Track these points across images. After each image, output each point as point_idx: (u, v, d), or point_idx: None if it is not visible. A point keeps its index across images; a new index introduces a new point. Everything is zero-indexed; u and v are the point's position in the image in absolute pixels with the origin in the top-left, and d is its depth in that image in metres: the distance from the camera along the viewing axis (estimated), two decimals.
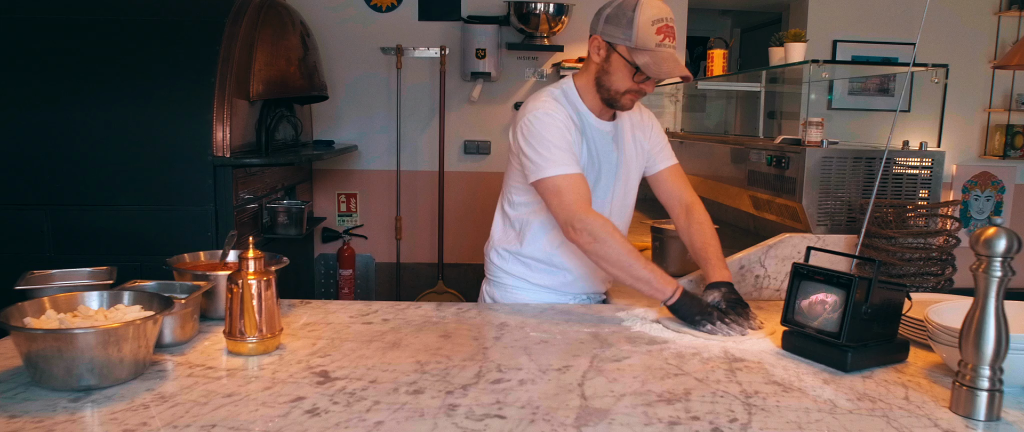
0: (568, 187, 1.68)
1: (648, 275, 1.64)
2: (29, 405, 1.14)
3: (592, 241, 1.65)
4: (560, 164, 1.68)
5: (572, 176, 1.69)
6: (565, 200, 1.68)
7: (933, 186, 2.12)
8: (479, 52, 4.24)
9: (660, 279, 1.64)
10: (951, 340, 1.27)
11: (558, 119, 1.72)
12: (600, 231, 1.65)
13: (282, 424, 1.09)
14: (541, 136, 1.70)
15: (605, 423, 1.12)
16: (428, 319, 1.66)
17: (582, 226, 1.65)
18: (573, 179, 1.69)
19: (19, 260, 2.70)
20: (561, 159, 1.69)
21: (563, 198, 1.68)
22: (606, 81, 1.74)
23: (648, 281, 1.64)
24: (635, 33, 1.65)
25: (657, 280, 1.64)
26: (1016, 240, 1.11)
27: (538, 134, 1.70)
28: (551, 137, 1.70)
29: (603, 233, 1.65)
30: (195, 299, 1.47)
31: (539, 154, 1.70)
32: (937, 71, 2.27)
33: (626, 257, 1.65)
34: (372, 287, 4.64)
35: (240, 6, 3.18)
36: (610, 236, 1.65)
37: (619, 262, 1.65)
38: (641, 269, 1.64)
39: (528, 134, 1.72)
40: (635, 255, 1.65)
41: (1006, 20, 4.75)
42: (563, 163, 1.69)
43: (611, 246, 1.65)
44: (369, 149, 4.52)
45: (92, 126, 2.97)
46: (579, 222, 1.66)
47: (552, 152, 1.69)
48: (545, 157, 1.69)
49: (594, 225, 1.65)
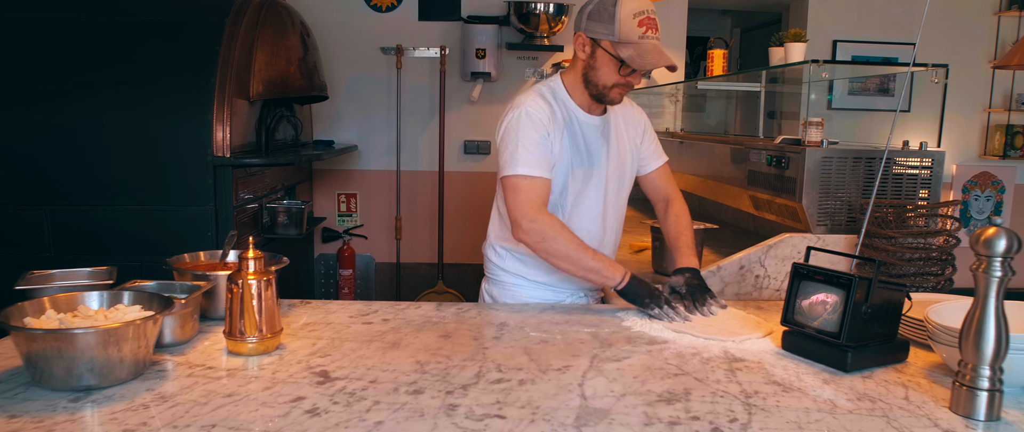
0: (526, 187, 1.71)
1: (597, 265, 1.70)
2: (29, 405, 1.14)
3: (540, 240, 1.70)
4: (525, 165, 1.71)
5: (533, 178, 1.72)
6: (519, 199, 1.71)
7: (933, 186, 2.12)
8: (479, 52, 4.24)
9: (609, 267, 1.70)
10: (951, 340, 1.27)
11: (537, 118, 1.74)
12: (548, 230, 1.69)
13: (282, 424, 1.09)
14: (515, 134, 1.73)
15: (605, 423, 1.12)
16: (428, 319, 1.66)
17: (530, 226, 1.70)
18: (533, 181, 1.72)
19: (19, 260, 2.70)
20: (527, 160, 1.71)
21: (518, 197, 1.72)
22: (593, 77, 1.76)
23: (597, 270, 1.70)
24: (617, 27, 1.68)
25: (606, 269, 1.70)
26: (1016, 240, 1.11)
27: (513, 132, 1.74)
28: (524, 137, 1.72)
29: (551, 231, 1.69)
30: (195, 299, 1.47)
31: (509, 151, 1.73)
32: (937, 71, 2.27)
33: (574, 251, 1.70)
34: (372, 287, 4.64)
35: (240, 6, 3.18)
36: (558, 233, 1.70)
37: (568, 256, 1.70)
38: (590, 260, 1.70)
39: (505, 131, 1.76)
40: (583, 248, 1.70)
41: (1006, 20, 4.75)
42: (528, 164, 1.71)
43: (558, 242, 1.69)
44: (369, 149, 4.52)
45: (92, 126, 2.98)
46: (528, 221, 1.70)
47: (520, 152, 1.72)
48: (513, 155, 1.72)
49: (542, 224, 1.69)
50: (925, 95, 4.34)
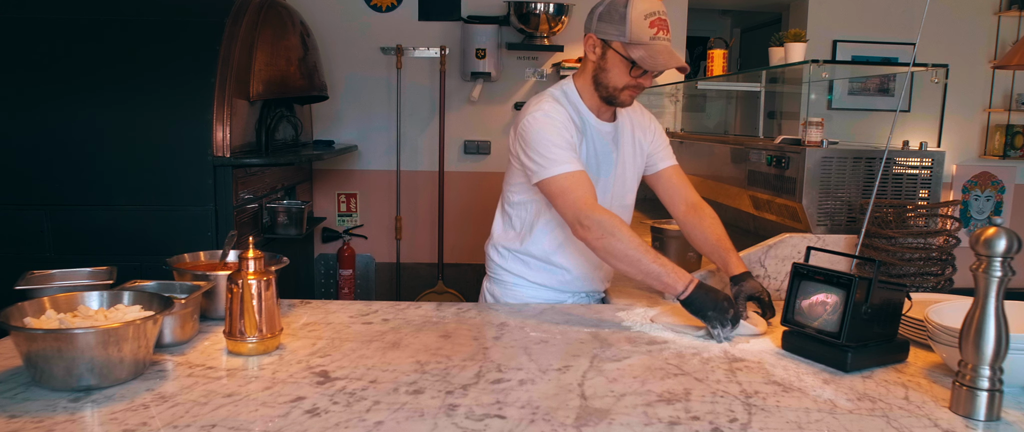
0: (573, 185, 1.67)
1: (659, 269, 1.60)
2: (29, 405, 1.14)
3: (602, 236, 1.63)
4: (563, 162, 1.68)
5: (576, 174, 1.68)
6: (571, 198, 1.67)
7: (933, 186, 2.12)
8: (479, 52, 4.24)
9: (672, 273, 1.60)
10: (951, 340, 1.27)
11: (558, 119, 1.72)
12: (608, 225, 1.63)
13: (282, 424, 1.09)
14: (542, 136, 1.70)
15: (605, 423, 1.12)
16: (428, 319, 1.66)
17: (590, 222, 1.63)
18: (577, 177, 1.68)
19: (19, 260, 2.70)
20: (563, 158, 1.68)
21: (569, 196, 1.67)
22: (604, 78, 1.75)
23: (659, 275, 1.61)
24: (629, 28, 1.66)
25: (669, 274, 1.60)
26: (1016, 240, 1.11)
27: (539, 134, 1.70)
28: (552, 136, 1.70)
29: (612, 227, 1.62)
30: (195, 299, 1.47)
31: (541, 155, 1.69)
32: (937, 71, 2.27)
33: (635, 251, 1.62)
34: (372, 287, 4.63)
35: (240, 6, 3.18)
36: (619, 230, 1.62)
37: (628, 257, 1.62)
38: (651, 263, 1.61)
39: (529, 135, 1.72)
40: (644, 249, 1.62)
41: (1006, 20, 4.75)
42: (565, 162, 1.68)
43: (620, 240, 1.62)
44: (369, 149, 4.52)
45: (92, 126, 2.97)
46: (587, 219, 1.64)
47: (553, 151, 1.69)
48: (547, 157, 1.69)
49: (603, 220, 1.63)
50: (925, 95, 4.33)
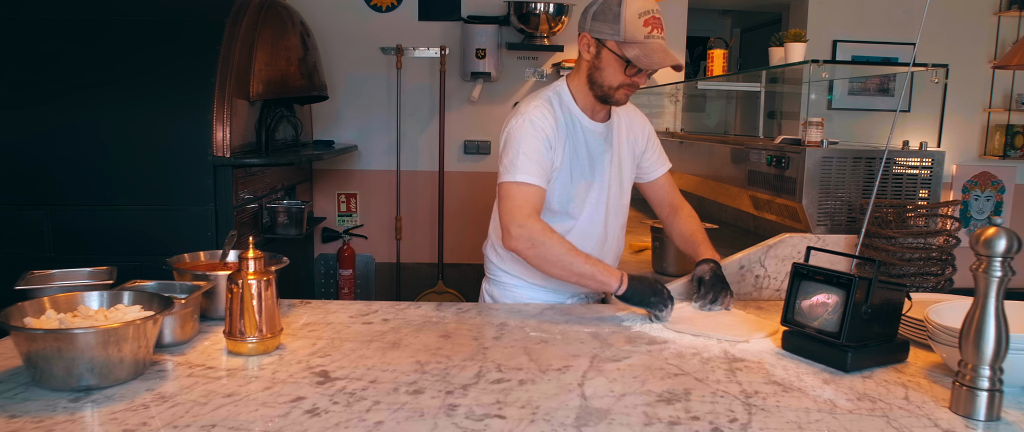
0: (519, 194, 1.69)
1: (590, 270, 1.65)
2: (29, 405, 1.14)
3: (529, 246, 1.66)
4: (522, 171, 1.70)
5: (528, 186, 1.70)
6: (511, 204, 1.69)
7: (933, 186, 2.12)
8: (479, 52, 4.24)
9: (603, 271, 1.65)
10: (951, 340, 1.27)
11: (540, 126, 1.73)
12: (537, 235, 1.66)
13: (282, 424, 1.09)
14: (517, 141, 1.72)
15: (605, 423, 1.12)
16: (428, 319, 1.66)
17: (519, 231, 1.66)
18: (527, 189, 1.70)
19: (19, 260, 2.70)
20: (525, 167, 1.70)
21: (511, 202, 1.69)
22: (598, 77, 1.75)
23: (592, 275, 1.65)
24: (623, 27, 1.67)
25: (601, 273, 1.65)
26: (1016, 240, 1.11)
27: (515, 139, 1.73)
28: (526, 145, 1.71)
29: (540, 236, 1.66)
30: (195, 299, 1.47)
31: (509, 158, 1.72)
32: (937, 71, 2.27)
33: (565, 255, 1.65)
34: (372, 287, 4.64)
35: (240, 6, 3.18)
36: (547, 238, 1.66)
37: (558, 261, 1.66)
38: (582, 265, 1.65)
39: (508, 137, 1.75)
40: (574, 253, 1.66)
41: (1006, 20, 4.75)
42: (525, 171, 1.70)
43: (548, 248, 1.65)
44: (369, 149, 4.52)
45: (92, 126, 2.97)
46: (517, 227, 1.67)
47: (520, 159, 1.71)
48: (513, 162, 1.71)
49: (531, 229, 1.66)
50: (925, 95, 4.34)
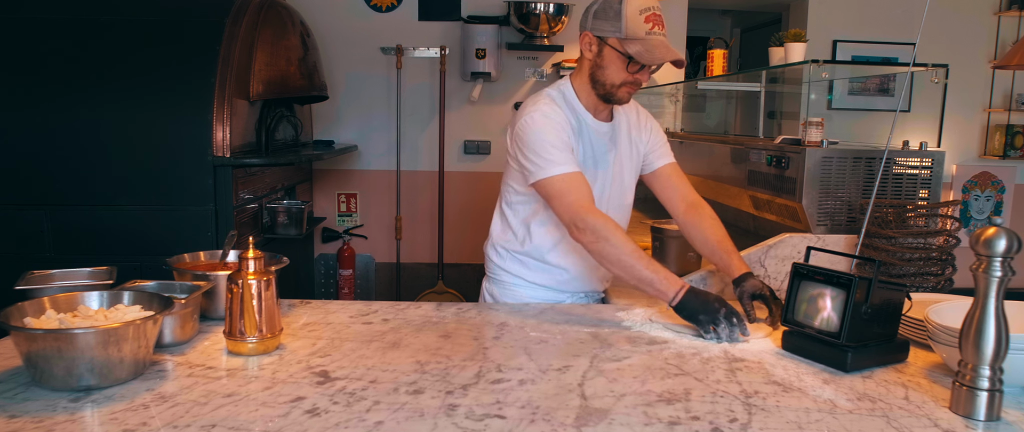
0: (569, 187, 1.68)
1: (651, 276, 1.62)
2: (29, 405, 1.14)
3: (595, 240, 1.64)
4: (559, 164, 1.69)
5: (572, 175, 1.69)
6: (567, 200, 1.68)
7: (933, 186, 2.12)
8: (479, 52, 4.24)
9: (664, 280, 1.61)
10: (951, 340, 1.27)
11: (555, 119, 1.73)
12: (603, 230, 1.64)
13: (282, 424, 1.09)
14: (539, 137, 1.71)
15: (605, 423, 1.12)
16: (428, 319, 1.66)
17: (585, 225, 1.64)
18: (574, 178, 1.69)
19: (19, 260, 2.70)
20: (560, 159, 1.69)
21: (565, 199, 1.68)
22: (601, 76, 1.75)
23: (651, 282, 1.62)
24: (624, 24, 1.67)
25: (661, 281, 1.61)
26: (1016, 240, 1.11)
27: (536, 135, 1.71)
28: (549, 137, 1.70)
29: (606, 232, 1.64)
30: (195, 299, 1.47)
31: (538, 155, 1.70)
32: (937, 71, 2.27)
33: (628, 257, 1.63)
34: (372, 287, 4.63)
35: (240, 6, 3.18)
36: (613, 235, 1.64)
37: (621, 262, 1.64)
38: (644, 269, 1.62)
39: (526, 135, 1.73)
40: (638, 255, 1.63)
41: (1006, 20, 4.75)
42: (562, 163, 1.69)
43: (614, 246, 1.63)
44: (369, 149, 4.52)
45: (92, 126, 2.97)
46: (582, 221, 1.65)
47: (550, 152, 1.69)
48: (544, 158, 1.69)
49: (597, 224, 1.64)
50: (925, 95, 4.34)
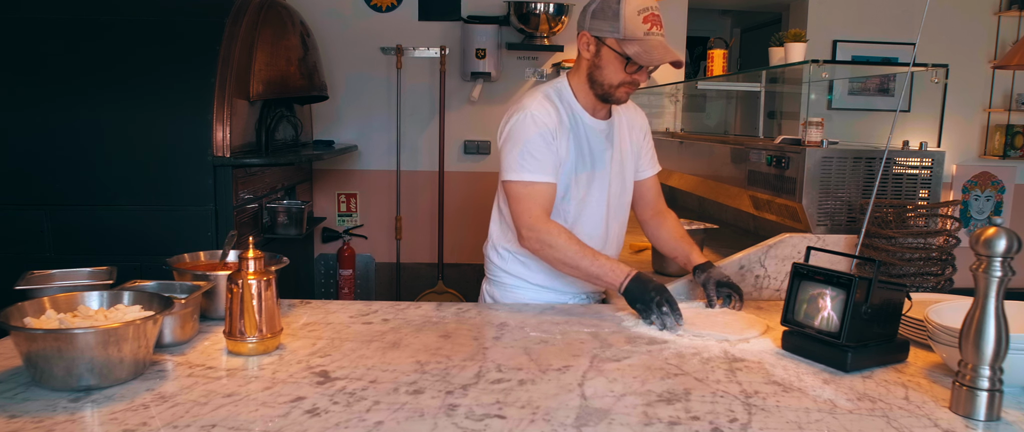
0: (530, 194, 1.72)
1: (598, 270, 1.69)
2: (29, 405, 1.14)
3: (541, 247, 1.71)
4: (530, 170, 1.71)
5: (538, 184, 1.72)
6: (522, 206, 1.72)
7: (933, 186, 2.12)
8: (479, 52, 4.24)
9: (611, 271, 1.69)
10: (951, 340, 1.27)
11: (542, 121, 1.73)
12: (549, 236, 1.70)
13: (282, 424, 1.09)
14: (520, 138, 1.72)
15: (605, 423, 1.12)
16: (428, 319, 1.66)
17: (531, 233, 1.71)
18: (538, 188, 1.72)
19: (19, 260, 2.70)
20: (533, 166, 1.71)
21: (521, 204, 1.72)
22: (599, 76, 1.75)
23: (599, 276, 1.70)
24: (622, 24, 1.67)
25: (608, 272, 1.69)
26: (1016, 240, 1.11)
27: (518, 136, 1.73)
28: (528, 140, 1.72)
29: (550, 238, 1.70)
30: (195, 299, 1.47)
31: (512, 156, 1.73)
32: (937, 71, 2.27)
33: (576, 255, 1.69)
34: (372, 287, 4.64)
35: (240, 6, 3.18)
36: (556, 239, 1.70)
37: (569, 261, 1.70)
38: (590, 265, 1.69)
39: (511, 132, 1.75)
40: (584, 253, 1.70)
41: (1006, 20, 4.75)
42: (533, 170, 1.71)
43: (560, 249, 1.70)
44: (369, 149, 4.52)
45: (92, 126, 2.97)
46: (528, 229, 1.71)
47: (526, 157, 1.71)
48: (518, 161, 1.71)
49: (543, 232, 1.70)
50: (925, 95, 4.34)
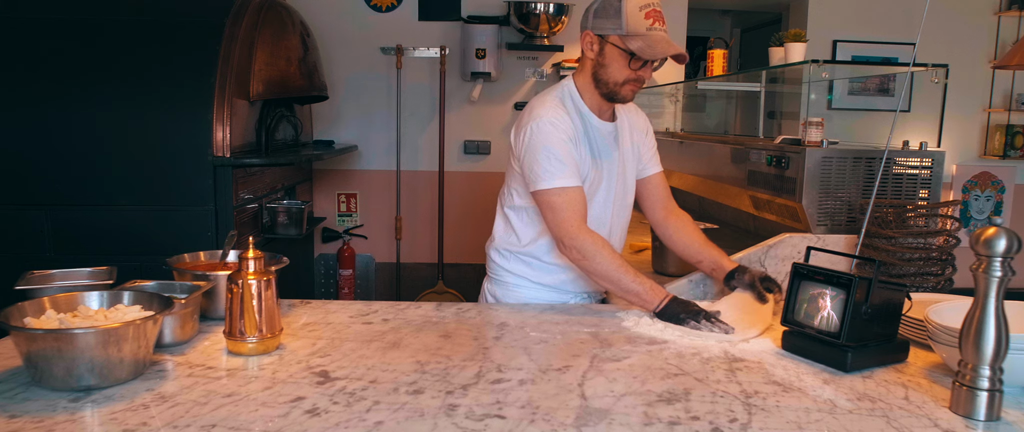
0: (564, 203, 1.71)
1: (637, 288, 1.69)
2: (29, 405, 1.14)
3: (582, 258, 1.71)
4: (559, 177, 1.70)
5: (570, 190, 1.71)
6: (560, 216, 1.71)
7: (933, 186, 2.12)
8: (479, 52, 4.24)
9: (649, 291, 1.69)
10: (951, 340, 1.27)
11: (562, 127, 1.73)
12: (590, 248, 1.70)
13: (282, 424, 1.09)
14: (543, 146, 1.71)
15: (605, 423, 1.12)
16: (428, 319, 1.66)
17: (573, 243, 1.70)
18: (570, 194, 1.71)
19: (19, 260, 2.70)
20: (560, 172, 1.70)
21: (558, 214, 1.71)
22: (603, 74, 1.75)
23: (637, 294, 1.70)
24: (624, 21, 1.68)
25: (647, 292, 1.69)
26: (1016, 240, 1.11)
27: (540, 143, 1.72)
28: (555, 148, 1.71)
29: (592, 250, 1.69)
30: (195, 299, 1.47)
31: (539, 164, 1.72)
32: (937, 71, 2.27)
33: (615, 271, 1.70)
34: (372, 287, 4.64)
35: (240, 6, 3.18)
36: (599, 252, 1.70)
37: (607, 276, 1.71)
38: (630, 283, 1.69)
39: (531, 141, 1.73)
40: (624, 270, 1.70)
41: (1006, 20, 4.75)
42: (562, 176, 1.70)
43: (600, 262, 1.70)
44: (369, 149, 4.52)
45: (92, 126, 2.97)
46: (570, 239, 1.70)
47: (552, 163, 1.71)
48: (545, 168, 1.71)
49: (584, 243, 1.70)
50: (925, 95, 4.33)
